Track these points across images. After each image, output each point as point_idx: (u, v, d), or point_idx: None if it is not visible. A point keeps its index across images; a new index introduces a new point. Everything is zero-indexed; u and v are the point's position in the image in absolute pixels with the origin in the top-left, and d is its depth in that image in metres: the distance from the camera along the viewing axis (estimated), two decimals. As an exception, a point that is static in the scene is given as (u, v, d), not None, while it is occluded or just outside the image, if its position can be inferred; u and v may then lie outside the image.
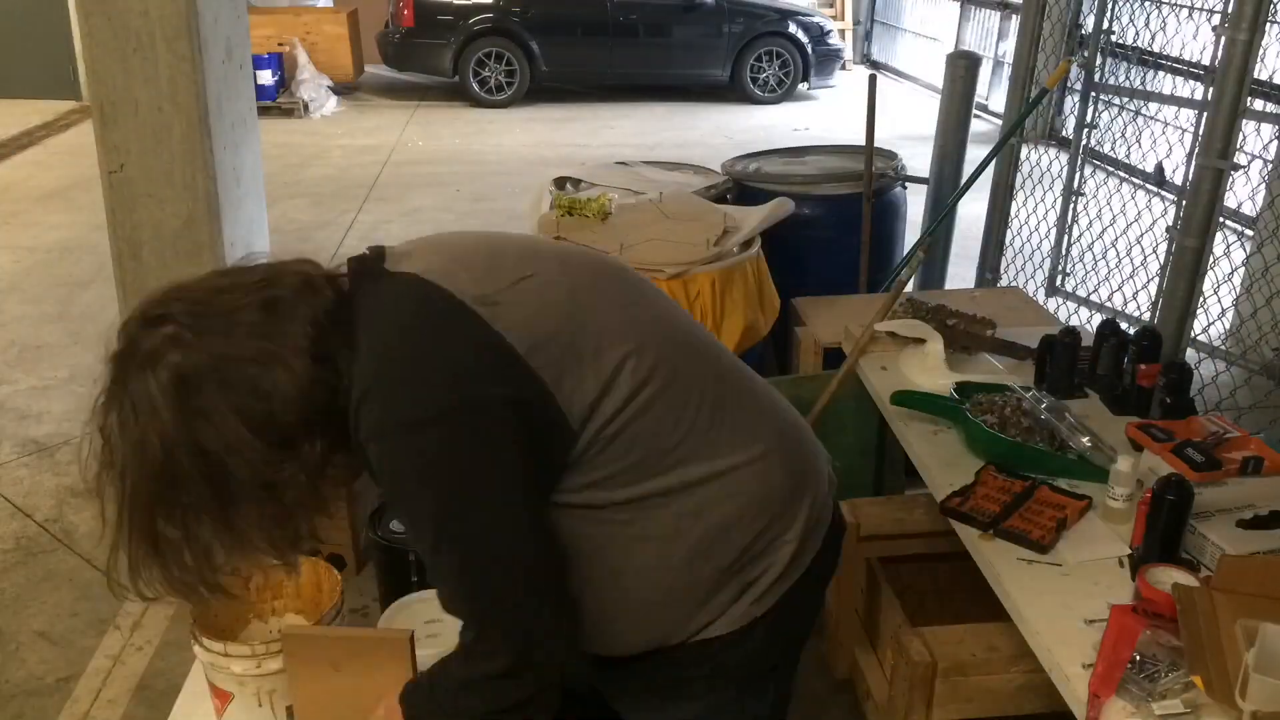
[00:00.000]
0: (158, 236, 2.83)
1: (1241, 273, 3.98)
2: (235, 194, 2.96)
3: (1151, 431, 2.10)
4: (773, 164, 3.92)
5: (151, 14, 2.70)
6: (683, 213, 3.22)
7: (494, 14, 10.18)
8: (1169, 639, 1.46)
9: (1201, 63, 4.79)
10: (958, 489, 1.99)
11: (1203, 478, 1.92)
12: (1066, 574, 1.74)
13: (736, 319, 2.96)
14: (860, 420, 2.86)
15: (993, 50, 9.87)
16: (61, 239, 5.91)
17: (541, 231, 3.12)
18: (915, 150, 5.35)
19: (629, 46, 10.47)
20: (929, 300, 2.83)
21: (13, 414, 3.95)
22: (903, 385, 2.40)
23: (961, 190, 3.95)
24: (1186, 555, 1.73)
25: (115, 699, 2.60)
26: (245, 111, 3.05)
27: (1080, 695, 1.46)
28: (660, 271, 2.86)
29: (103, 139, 2.80)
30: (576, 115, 10.00)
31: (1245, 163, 3.78)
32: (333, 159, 8.12)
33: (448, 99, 10.49)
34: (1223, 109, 2.82)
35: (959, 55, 4.53)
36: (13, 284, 5.28)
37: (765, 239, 3.19)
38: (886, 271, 3.70)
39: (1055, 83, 3.89)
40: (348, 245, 6.04)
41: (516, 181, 7.18)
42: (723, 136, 8.96)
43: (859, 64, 12.90)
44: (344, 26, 10.35)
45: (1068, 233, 4.20)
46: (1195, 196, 2.93)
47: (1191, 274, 2.97)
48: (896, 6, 12.48)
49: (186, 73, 2.73)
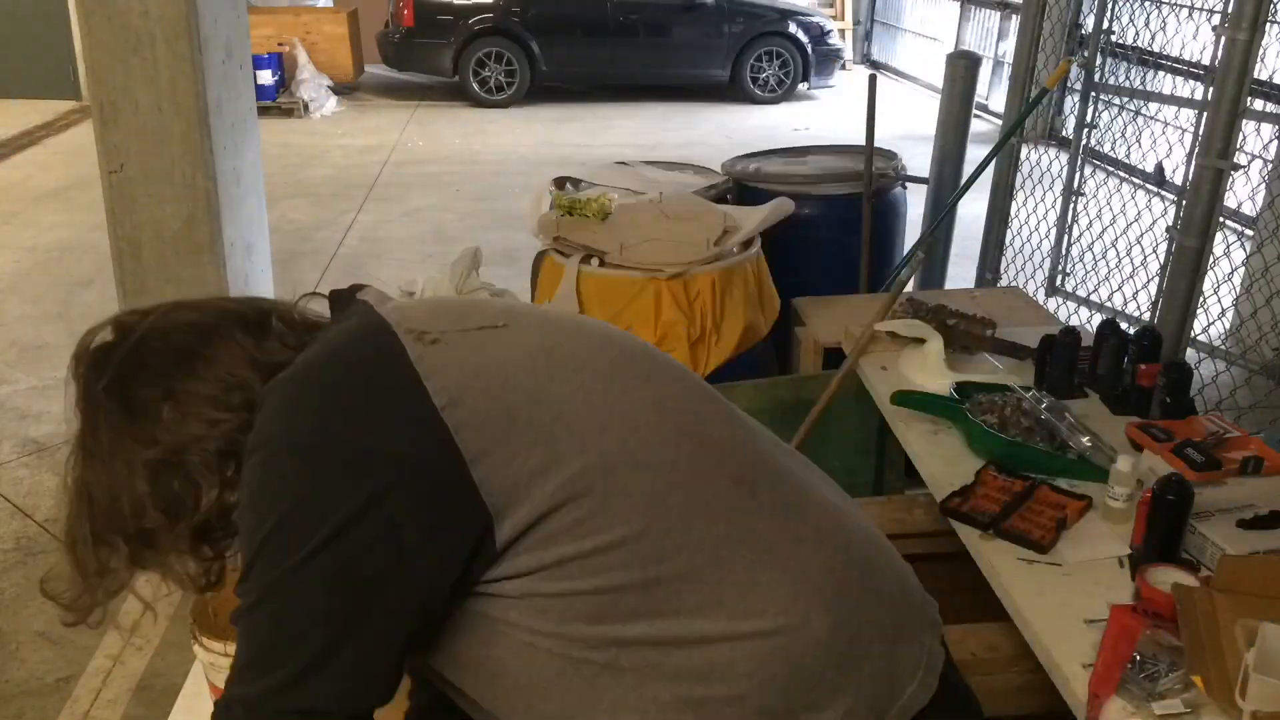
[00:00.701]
0: (158, 236, 2.83)
1: (1241, 273, 3.98)
2: (235, 194, 2.96)
3: (1151, 431, 2.10)
4: (773, 164, 3.92)
5: (151, 14, 2.70)
6: (683, 213, 3.22)
7: (494, 14, 10.19)
8: (1169, 639, 1.46)
9: (1201, 63, 4.79)
10: (958, 489, 1.99)
11: (1203, 478, 1.92)
12: (1066, 574, 1.74)
13: (736, 319, 2.96)
14: (860, 420, 2.86)
15: (993, 50, 9.88)
16: (61, 239, 5.91)
17: (541, 231, 3.12)
18: (915, 150, 5.35)
19: (629, 46, 10.47)
20: (929, 300, 2.83)
21: (13, 414, 3.95)
22: (903, 385, 2.40)
23: (961, 190, 3.95)
24: (1186, 555, 1.73)
25: (115, 699, 2.60)
26: (245, 111, 3.05)
27: (1080, 695, 1.46)
28: (660, 271, 2.86)
29: (103, 139, 2.80)
30: (576, 115, 10.00)
31: (1245, 163, 3.78)
32: (333, 159, 8.12)
33: (448, 99, 10.49)
34: (1223, 109, 2.82)
35: (959, 55, 4.53)
36: (13, 284, 5.27)
37: (765, 239, 3.19)
38: (886, 271, 3.70)
39: (1055, 83, 3.89)
40: (348, 245, 6.04)
41: (516, 181, 7.19)
42: (723, 136, 8.96)
43: (859, 64, 12.91)
44: (344, 26, 10.36)
45: (1068, 233, 4.20)
46: (1195, 196, 2.93)
47: (1191, 274, 2.97)
48: (896, 6, 12.49)
49: (186, 73, 2.73)
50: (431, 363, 0.97)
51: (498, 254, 5.07)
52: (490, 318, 1.05)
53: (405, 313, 1.04)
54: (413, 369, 0.96)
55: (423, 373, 0.96)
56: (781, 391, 2.94)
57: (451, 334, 1.01)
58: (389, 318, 1.02)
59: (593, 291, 2.93)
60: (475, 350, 1.00)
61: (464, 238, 5.64)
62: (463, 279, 3.17)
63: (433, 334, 1.00)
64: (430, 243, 6.06)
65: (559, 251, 3.05)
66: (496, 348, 1.02)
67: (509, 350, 1.02)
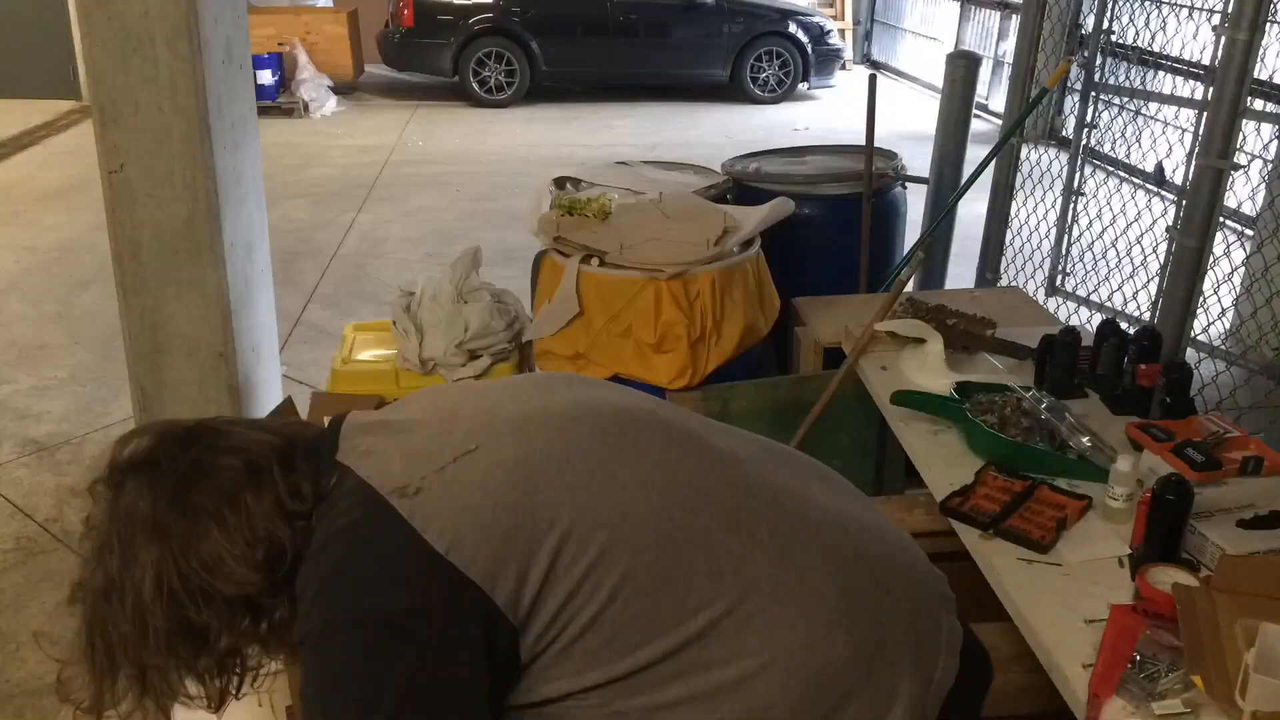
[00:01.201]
0: (158, 236, 2.83)
1: (1241, 273, 3.98)
2: (235, 194, 2.96)
3: (1151, 431, 2.10)
4: (773, 164, 3.92)
5: (151, 14, 2.69)
6: (683, 213, 3.22)
7: (494, 14, 10.19)
8: (1169, 639, 1.46)
9: (1201, 63, 4.80)
10: (958, 489, 1.99)
11: (1203, 478, 1.92)
12: (1066, 574, 1.74)
13: (736, 319, 2.96)
14: (860, 420, 2.86)
15: (993, 50, 9.88)
16: (61, 239, 5.91)
17: (541, 231, 3.12)
18: (915, 150, 5.34)
19: (629, 46, 10.47)
20: (929, 300, 2.83)
21: (13, 414, 3.95)
22: (903, 385, 2.40)
23: (961, 190, 3.95)
24: (1186, 555, 1.73)
25: (115, 699, 2.60)
26: (245, 112, 3.05)
27: (1080, 695, 1.46)
28: (660, 271, 2.86)
29: (103, 139, 2.79)
30: (576, 115, 10.00)
31: (1245, 163, 3.78)
32: (333, 159, 8.12)
33: (448, 99, 10.49)
34: (1223, 109, 2.82)
35: (959, 55, 4.53)
36: (13, 284, 5.27)
37: (765, 239, 3.19)
38: (886, 271, 3.70)
39: (1055, 83, 3.89)
40: (348, 245, 6.04)
41: (516, 181, 7.18)
42: (723, 136, 8.95)
43: (859, 64, 12.91)
44: (344, 26, 10.36)
45: (1068, 233, 4.20)
46: (1195, 196, 2.93)
47: (1191, 274, 2.97)
48: (896, 6, 12.49)
49: (186, 73, 2.73)
50: (424, 515, 1.04)
51: (498, 254, 5.07)
52: (461, 443, 1.10)
53: (383, 468, 1.09)
54: (408, 526, 1.04)
55: (418, 527, 1.03)
56: (781, 391, 2.94)
57: (430, 478, 1.07)
58: (372, 482, 1.08)
59: (593, 291, 2.93)
60: (457, 486, 1.07)
61: (464, 238, 5.63)
62: (463, 279, 3.17)
63: (414, 485, 1.06)
64: (430, 243, 6.06)
65: (559, 251, 3.05)
66: (476, 475, 1.08)
67: (488, 475, 1.08)
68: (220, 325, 2.88)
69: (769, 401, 2.90)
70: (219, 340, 2.88)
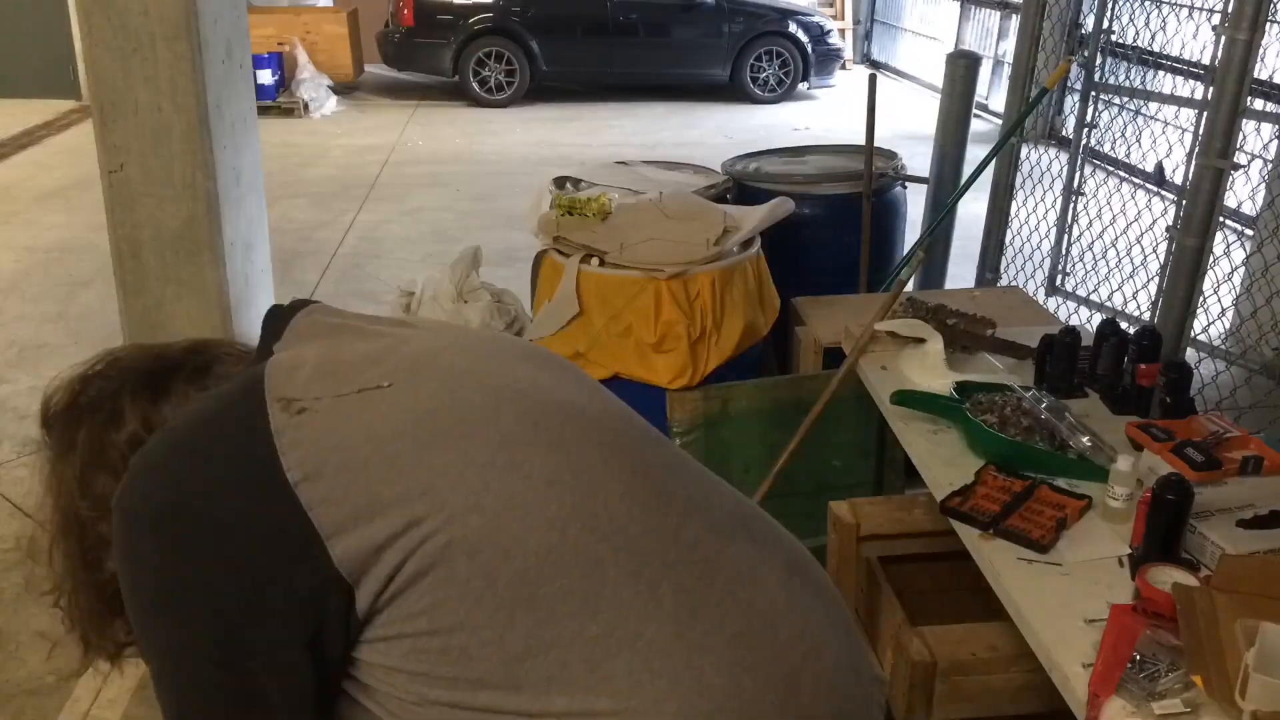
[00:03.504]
0: (158, 236, 2.83)
1: (1241, 272, 3.98)
2: (235, 194, 2.96)
3: (1151, 431, 2.10)
4: (773, 164, 3.92)
5: (151, 14, 2.70)
6: (683, 212, 3.22)
7: (494, 14, 10.19)
8: (1169, 639, 1.46)
9: (1201, 62, 4.80)
10: (958, 489, 1.99)
11: (1203, 477, 1.92)
12: (1066, 574, 1.74)
13: (736, 319, 2.96)
14: (860, 420, 2.86)
15: (993, 50, 9.88)
16: (61, 239, 5.91)
17: (541, 231, 3.12)
18: (915, 150, 5.35)
19: (629, 46, 10.47)
20: (929, 300, 2.83)
21: (13, 414, 3.95)
22: (903, 385, 2.40)
23: (961, 190, 3.95)
24: (1186, 555, 1.73)
25: (115, 699, 2.60)
26: (245, 111, 3.05)
27: (1080, 695, 1.46)
28: (660, 271, 2.86)
29: (103, 139, 2.80)
30: (576, 115, 10.00)
31: (1245, 163, 3.79)
32: (333, 159, 8.12)
33: (448, 99, 10.50)
34: (1223, 109, 2.82)
35: (959, 55, 4.53)
36: (13, 284, 5.27)
37: (765, 239, 3.19)
38: (886, 271, 3.70)
39: (1055, 82, 3.89)
40: (348, 245, 6.04)
41: (516, 181, 7.18)
42: (723, 136, 8.96)
43: (859, 64, 12.92)
44: (344, 26, 10.36)
45: (1068, 232, 4.20)
46: (1195, 196, 2.93)
47: (1191, 274, 2.97)
48: (896, 6, 12.49)
49: (186, 73, 2.73)
50: (292, 436, 0.93)
51: (498, 254, 5.07)
52: (379, 377, 0.99)
53: (289, 373, 0.99)
54: (271, 443, 0.93)
55: (280, 447, 0.92)
56: (781, 391, 2.94)
57: (325, 400, 0.96)
58: (270, 380, 0.98)
59: (593, 291, 2.93)
60: (344, 419, 0.95)
61: (464, 238, 5.63)
62: (463, 279, 3.17)
63: (303, 402, 0.95)
64: (430, 243, 6.06)
65: (559, 251, 3.05)
66: (371, 414, 0.96)
67: (385, 417, 0.96)
68: (220, 324, 2.88)
69: (769, 401, 2.90)
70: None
